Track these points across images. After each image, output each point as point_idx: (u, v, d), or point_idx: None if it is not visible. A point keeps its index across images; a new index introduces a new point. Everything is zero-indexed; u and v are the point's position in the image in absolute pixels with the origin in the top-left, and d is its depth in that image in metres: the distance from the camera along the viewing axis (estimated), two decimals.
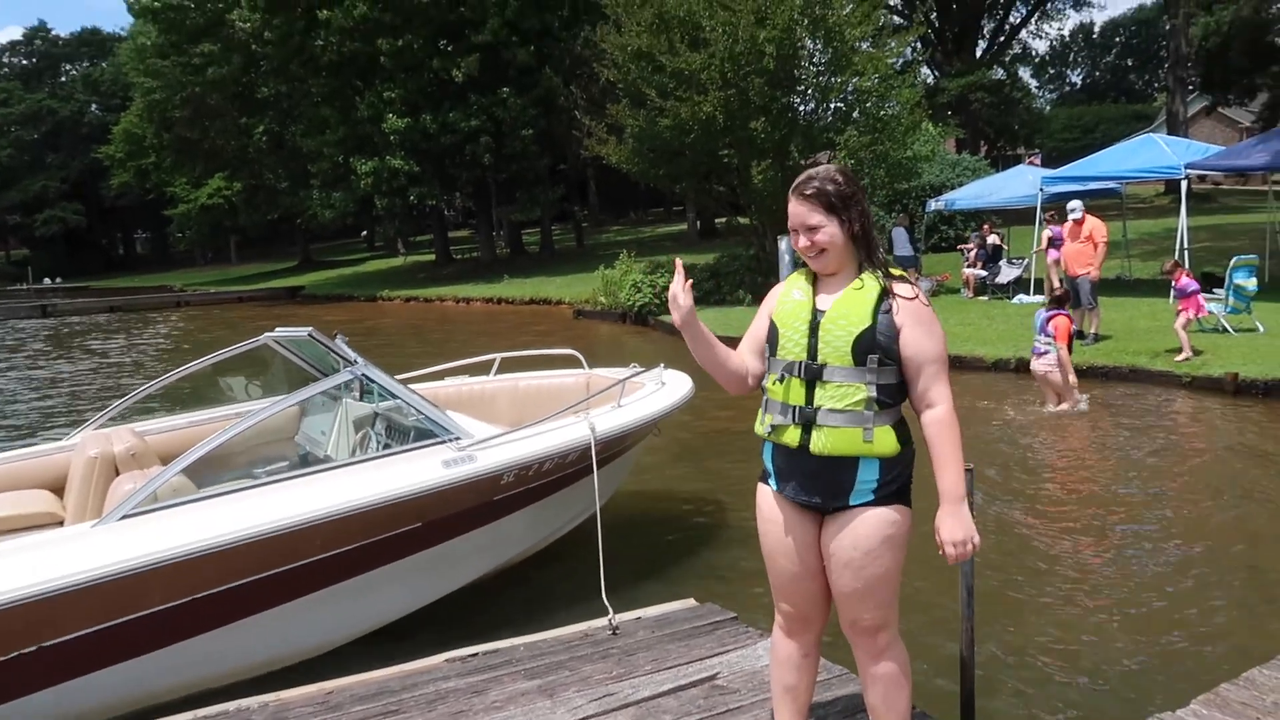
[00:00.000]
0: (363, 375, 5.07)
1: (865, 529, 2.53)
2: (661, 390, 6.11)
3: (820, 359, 2.52)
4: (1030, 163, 28.86)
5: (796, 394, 2.55)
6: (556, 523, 5.63)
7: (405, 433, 5.17)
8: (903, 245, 17.95)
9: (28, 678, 3.80)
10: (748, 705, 3.36)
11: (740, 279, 19.00)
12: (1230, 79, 34.78)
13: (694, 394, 6.32)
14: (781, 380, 2.58)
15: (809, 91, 19.68)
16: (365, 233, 59.95)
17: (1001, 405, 9.72)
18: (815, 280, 2.66)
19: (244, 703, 3.62)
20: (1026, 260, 17.25)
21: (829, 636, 2.88)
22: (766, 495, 2.72)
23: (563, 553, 5.76)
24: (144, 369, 17.60)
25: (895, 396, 2.53)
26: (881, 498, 2.53)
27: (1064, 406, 9.16)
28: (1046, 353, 9.17)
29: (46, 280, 62.29)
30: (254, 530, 4.13)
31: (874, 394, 2.49)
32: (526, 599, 5.38)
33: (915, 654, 2.95)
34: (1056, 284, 16.10)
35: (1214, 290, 11.94)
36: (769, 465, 2.69)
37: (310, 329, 5.54)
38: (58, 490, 5.26)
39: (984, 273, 17.65)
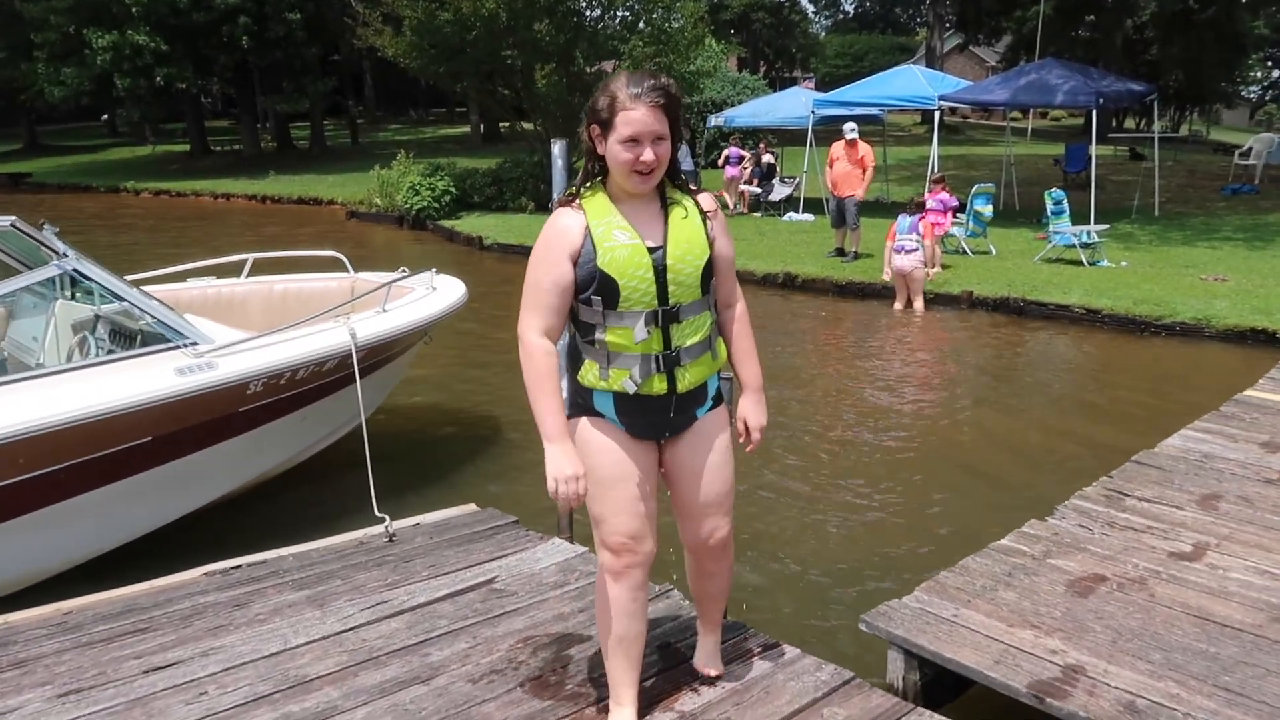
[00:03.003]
0: (73, 270, 4.48)
1: (715, 431, 2.58)
2: (431, 295, 5.89)
3: (673, 301, 2.40)
4: (805, 85, 30.04)
5: (656, 343, 2.41)
6: (316, 434, 5.36)
7: (132, 337, 4.67)
8: (684, 159, 18.28)
9: None
10: (525, 607, 3.41)
11: (523, 185, 18.70)
12: (981, 19, 37.50)
13: (466, 300, 6.18)
14: (642, 338, 2.39)
15: None
16: (106, 116, 53.54)
17: (770, 317, 10.24)
18: (617, 209, 2.39)
19: None
20: (798, 179, 18.07)
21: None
22: (599, 428, 2.49)
23: (340, 463, 5.55)
24: None
25: (716, 306, 2.56)
26: (715, 399, 2.60)
27: (915, 306, 9.92)
28: (915, 250, 9.84)
29: None
30: None
31: (713, 314, 2.53)
32: (301, 510, 5.15)
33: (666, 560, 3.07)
34: (732, 203, 17.98)
35: (957, 216, 13.05)
36: (606, 409, 2.48)
37: (13, 219, 4.78)
38: None
39: (758, 190, 18.34)
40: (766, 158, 19.04)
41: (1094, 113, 14.72)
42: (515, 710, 2.77)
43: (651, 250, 2.38)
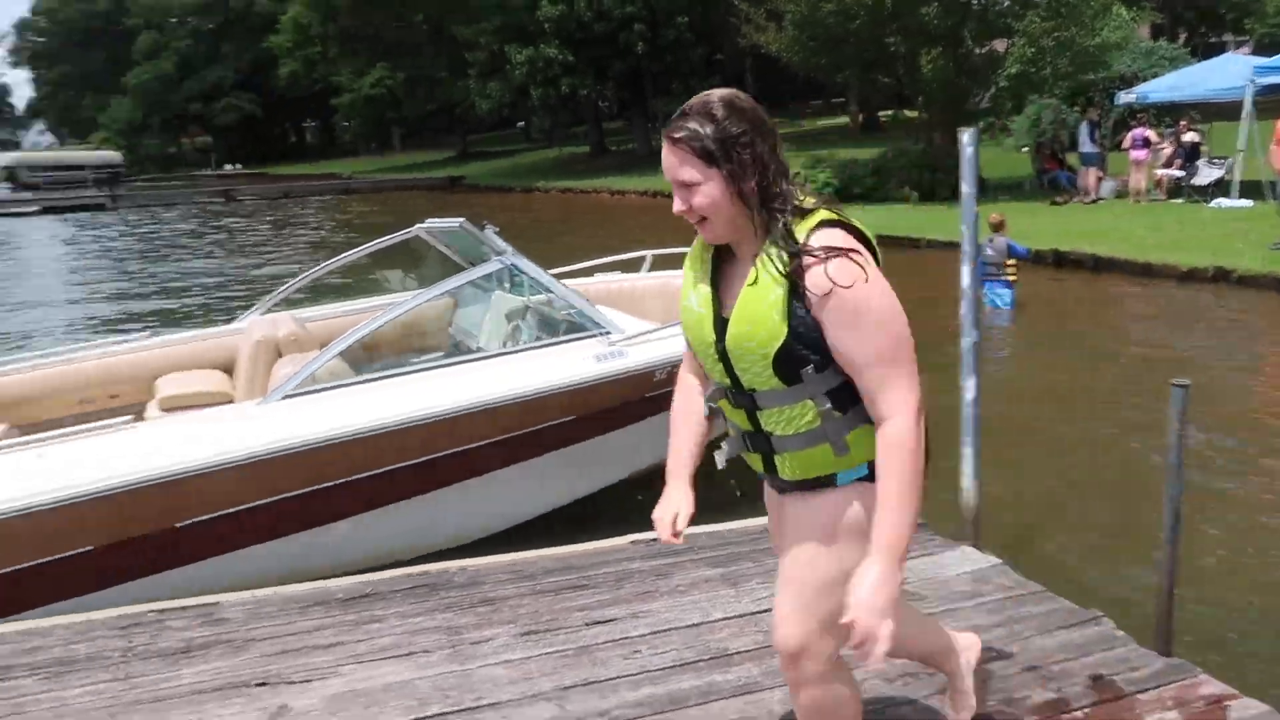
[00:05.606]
0: (511, 265, 5.06)
1: (827, 510, 1.99)
2: None
3: (746, 385, 1.92)
4: (1238, 52, 26.04)
5: (741, 419, 2.00)
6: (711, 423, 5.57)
7: (555, 326, 5.16)
8: (1085, 142, 16.79)
9: (197, 545, 4.00)
10: (937, 614, 3.31)
11: (906, 175, 18.17)
12: None
13: None
14: (723, 402, 2.04)
15: None
16: (522, 124, 60.50)
17: (1195, 320, 9.06)
18: (716, 260, 1.96)
19: (445, 565, 3.86)
20: (1230, 160, 15.72)
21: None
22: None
23: None
24: (323, 249, 18.54)
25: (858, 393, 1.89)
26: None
27: None
28: None
29: (228, 166, 66.65)
30: (408, 416, 4.23)
31: (827, 406, 1.88)
32: (709, 491, 5.42)
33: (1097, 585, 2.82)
34: (1143, 189, 15.84)
35: None
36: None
37: (461, 220, 5.49)
38: (228, 370, 5.53)
39: (1180, 173, 16.25)
40: (1188, 136, 16.78)
41: None
42: (932, 715, 2.72)
43: (719, 322, 1.90)
